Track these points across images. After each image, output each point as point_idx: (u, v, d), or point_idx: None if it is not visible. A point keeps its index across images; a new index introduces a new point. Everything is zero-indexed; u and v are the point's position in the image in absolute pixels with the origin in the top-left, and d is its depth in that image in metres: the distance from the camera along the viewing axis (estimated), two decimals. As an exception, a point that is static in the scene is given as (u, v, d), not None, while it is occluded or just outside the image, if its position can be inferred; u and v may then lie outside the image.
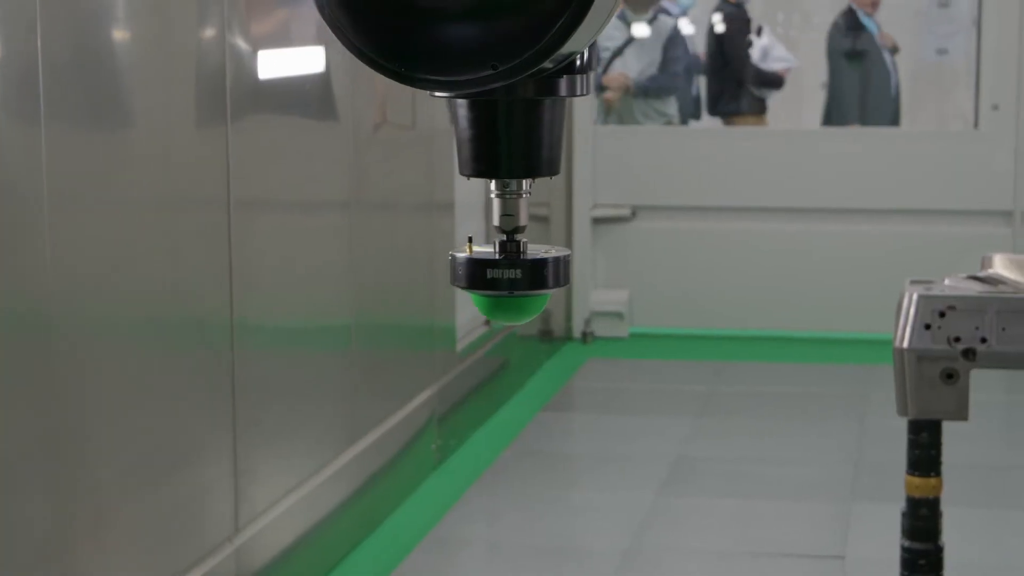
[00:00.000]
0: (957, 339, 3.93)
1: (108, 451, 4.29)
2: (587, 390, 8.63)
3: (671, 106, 10.58)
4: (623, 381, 8.77)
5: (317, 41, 5.57)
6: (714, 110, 10.88)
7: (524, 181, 2.03)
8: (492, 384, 7.92)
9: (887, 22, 10.79)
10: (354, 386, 6.00)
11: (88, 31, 4.18)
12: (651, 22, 10.46)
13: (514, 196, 2.02)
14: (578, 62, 1.90)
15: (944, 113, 11.21)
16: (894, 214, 9.39)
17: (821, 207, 9.44)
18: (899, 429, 4.08)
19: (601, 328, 9.60)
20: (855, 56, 10.27)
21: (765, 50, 10.77)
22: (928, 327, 3.94)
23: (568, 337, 9.56)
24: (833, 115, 10.60)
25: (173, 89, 4.62)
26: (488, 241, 1.97)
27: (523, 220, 2.03)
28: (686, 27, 11.56)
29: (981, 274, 4.09)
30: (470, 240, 2.05)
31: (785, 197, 9.46)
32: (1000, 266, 4.11)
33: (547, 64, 1.79)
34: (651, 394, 8.47)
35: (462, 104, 1.91)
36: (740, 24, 10.81)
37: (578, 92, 1.93)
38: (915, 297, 3.94)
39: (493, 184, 2.00)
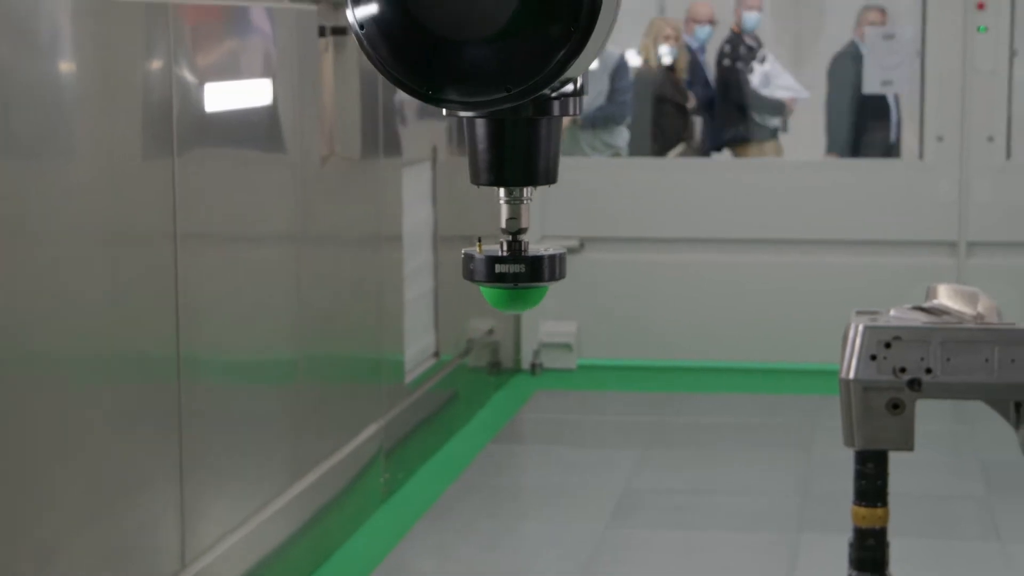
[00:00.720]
0: (903, 370, 3.94)
1: (52, 486, 4.26)
2: (536, 422, 8.63)
3: (618, 137, 10.60)
4: (571, 413, 8.76)
5: (264, 74, 5.56)
6: (720, 140, 10.82)
7: (526, 189, 2.44)
8: (440, 417, 7.90)
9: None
10: (301, 420, 5.97)
11: (33, 62, 4.16)
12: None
13: (518, 202, 2.46)
14: (572, 87, 2.31)
15: (889, 144, 11.26)
16: (840, 244, 9.43)
17: (767, 238, 9.48)
18: (846, 459, 4.09)
19: (550, 360, 9.60)
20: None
21: (767, 76, 10.78)
22: (874, 358, 3.95)
23: (517, 369, 9.55)
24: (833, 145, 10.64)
25: (119, 121, 4.60)
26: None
27: (525, 223, 2.46)
28: (632, 58, 11.61)
29: (926, 305, 4.11)
30: (479, 240, 2.50)
31: (732, 228, 9.49)
32: (944, 296, 4.13)
33: (550, 88, 2.21)
34: (599, 426, 8.47)
35: (476, 123, 2.34)
36: (744, 52, 10.82)
37: (571, 112, 2.35)
38: (860, 328, 3.96)
39: (502, 192, 2.45)
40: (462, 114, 2.29)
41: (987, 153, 9.23)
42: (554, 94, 2.30)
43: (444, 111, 2.29)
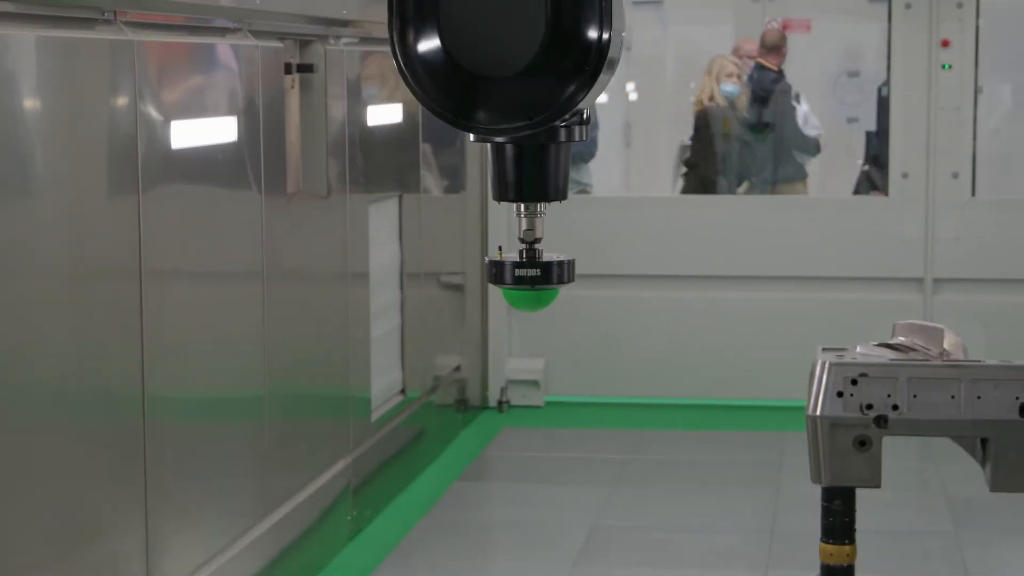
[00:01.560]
0: (869, 406, 3.95)
1: (17, 524, 4.22)
2: (503, 459, 8.61)
3: (586, 174, 10.61)
4: (539, 450, 8.74)
5: (229, 111, 5.55)
6: (748, 176, 10.73)
7: (540, 204, 2.95)
8: (407, 454, 7.88)
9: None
10: (268, 457, 5.95)
11: (-3, 100, 4.15)
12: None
13: (533, 216, 2.97)
14: (580, 117, 2.82)
15: (854, 181, 11.30)
16: (806, 281, 9.45)
17: (735, 274, 9.50)
18: (813, 496, 4.09)
19: (517, 397, 9.58)
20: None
21: (806, 116, 10.75)
22: (840, 395, 3.95)
23: (484, 406, 9.53)
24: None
25: (83, 158, 4.59)
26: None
27: (539, 233, 2.99)
28: (601, 96, 11.62)
29: (892, 341, 4.12)
30: (500, 248, 2.99)
31: (699, 265, 9.50)
32: (910, 333, 4.14)
33: (565, 118, 2.72)
34: (567, 463, 8.45)
35: (499, 148, 2.85)
36: (783, 90, 10.76)
37: (578, 138, 2.87)
38: (827, 365, 3.96)
39: (523, 207, 2.94)
40: (488, 140, 2.83)
41: (952, 189, 9.27)
42: (565, 123, 2.80)
43: (471, 136, 2.80)
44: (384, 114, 7.41)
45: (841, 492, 3.99)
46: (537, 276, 3.03)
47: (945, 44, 9.20)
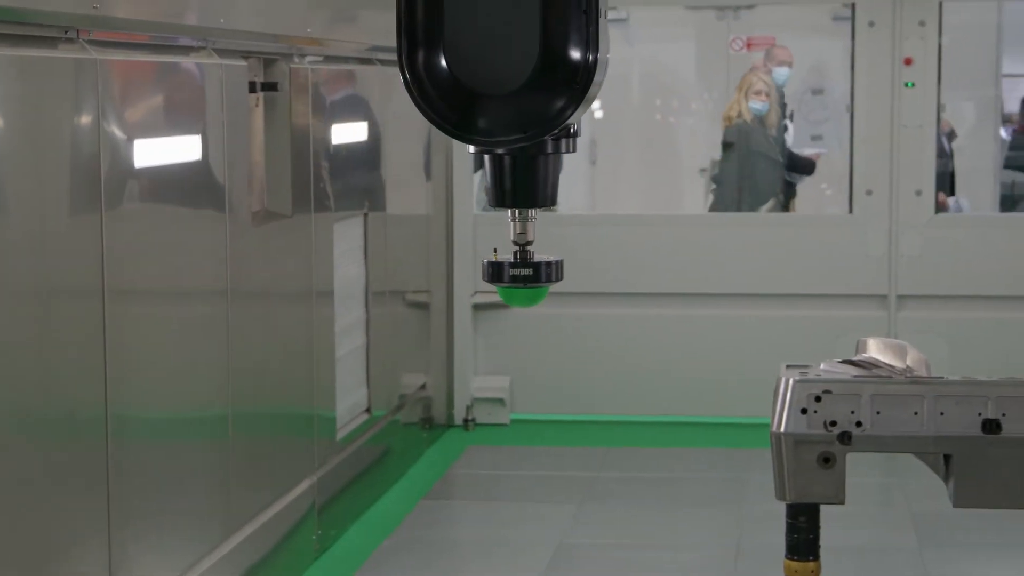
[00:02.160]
0: (833, 423, 3.95)
1: (-22, 546, 4.20)
2: (468, 477, 8.60)
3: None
4: (504, 468, 8.74)
5: (193, 130, 5.54)
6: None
7: (532, 210, 3.29)
8: (373, 473, 7.86)
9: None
10: (232, 476, 5.93)
11: (-41, 119, 4.14)
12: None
13: (525, 220, 3.31)
14: (570, 130, 3.13)
15: (819, 198, 11.35)
16: (771, 298, 9.47)
17: (699, 292, 9.51)
18: (778, 513, 4.09)
19: (482, 415, 9.58)
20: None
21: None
22: (804, 411, 3.96)
23: (449, 424, 9.52)
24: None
25: (47, 177, 4.57)
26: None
27: (531, 236, 3.32)
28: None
29: (856, 358, 4.13)
30: (496, 251, 3.33)
31: (663, 283, 9.52)
32: (874, 350, 4.15)
33: (555, 132, 3.04)
34: (533, 481, 8.45)
35: (495, 159, 3.18)
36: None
37: (566, 150, 3.20)
38: (791, 382, 3.97)
39: (516, 212, 3.28)
40: (486, 151, 3.17)
41: (915, 207, 9.31)
42: (554, 136, 3.13)
43: (471, 148, 3.15)
44: (349, 132, 7.41)
45: (805, 509, 4.00)
46: (530, 275, 3.35)
47: (908, 62, 9.25)
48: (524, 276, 3.36)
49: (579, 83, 3.03)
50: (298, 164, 6.61)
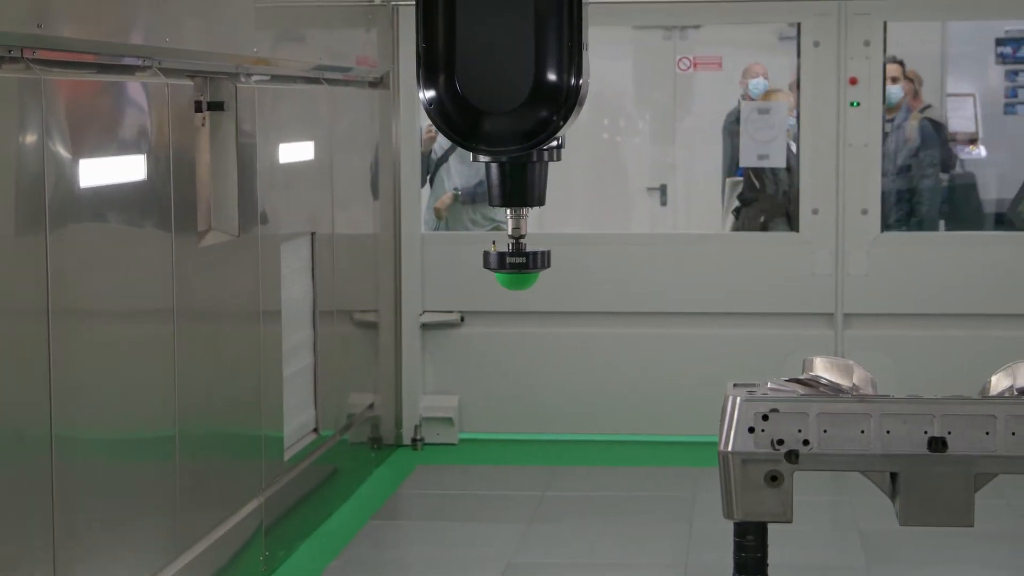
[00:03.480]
0: (780, 442, 3.97)
1: (-79, 570, 4.16)
2: (417, 497, 8.58)
3: (499, 211, 10.60)
4: (453, 488, 8.72)
5: (139, 149, 5.51)
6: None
7: (524, 208, 4.04)
8: (321, 493, 7.83)
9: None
10: (179, 497, 5.89)
11: (-99, 139, 4.10)
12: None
13: (519, 217, 4.05)
14: (557, 142, 3.87)
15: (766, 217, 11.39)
16: (718, 317, 9.49)
17: (647, 311, 9.52)
18: (727, 531, 4.10)
19: (431, 434, 9.56)
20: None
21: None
22: (752, 430, 3.97)
23: (398, 444, 9.50)
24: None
25: (-10, 197, 4.54)
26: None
27: (524, 230, 4.07)
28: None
29: (802, 377, 4.14)
30: (494, 243, 4.11)
31: (611, 302, 9.53)
32: (820, 369, 4.17)
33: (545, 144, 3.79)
34: (481, 500, 8.44)
35: (496, 166, 3.94)
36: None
37: (554, 159, 3.96)
38: (738, 401, 3.98)
39: (511, 211, 4.03)
40: (489, 159, 3.93)
41: (862, 226, 9.35)
42: (545, 147, 3.86)
43: (473, 156, 3.91)
44: (296, 152, 7.39)
45: (753, 527, 4.01)
46: (523, 263, 4.11)
47: (853, 82, 9.30)
48: (518, 264, 4.11)
49: (566, 103, 3.76)
50: (245, 184, 6.59)
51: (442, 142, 10.50)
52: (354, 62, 8.55)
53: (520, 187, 4.02)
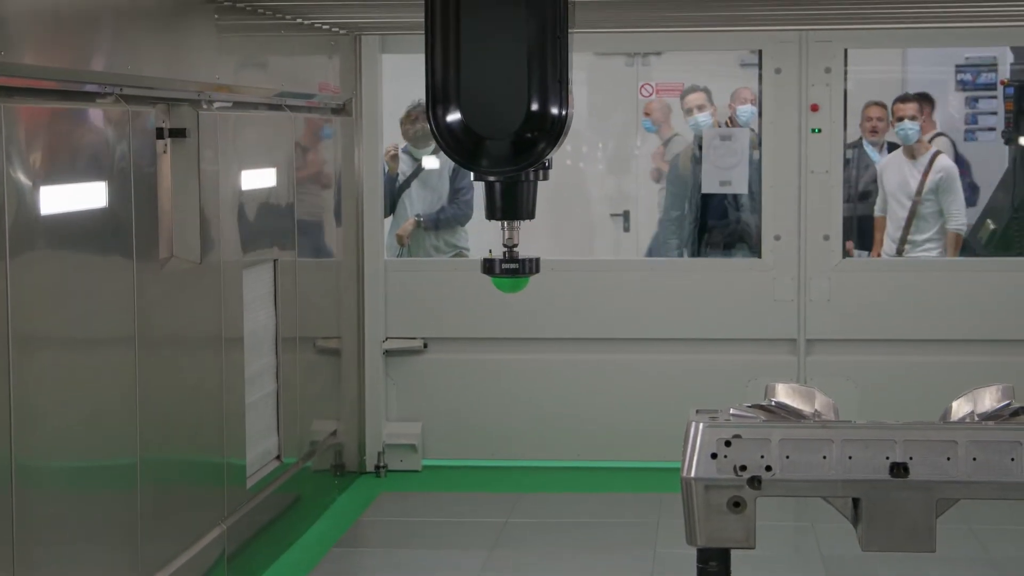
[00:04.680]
0: (743, 468, 3.97)
1: None
2: (380, 525, 8.55)
3: (461, 237, 10.63)
4: (416, 515, 8.70)
5: (100, 176, 5.49)
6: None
7: (516, 221, 4.71)
8: (284, 520, 7.80)
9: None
10: (141, 525, 5.86)
11: None
12: (436, 153, 10.54)
13: (512, 228, 4.74)
14: (545, 164, 4.53)
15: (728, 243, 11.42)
16: (682, 343, 9.51)
17: (609, 337, 9.53)
18: (690, 557, 4.10)
19: (394, 461, 9.54)
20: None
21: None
22: (714, 456, 3.98)
23: (361, 471, 9.48)
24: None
25: (-50, 225, 4.51)
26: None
27: (516, 240, 4.76)
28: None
29: (765, 403, 4.15)
30: (491, 251, 4.75)
31: (575, 328, 9.53)
32: (783, 395, 4.18)
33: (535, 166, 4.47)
34: (445, 527, 8.42)
35: (494, 183, 4.60)
36: None
37: (542, 178, 4.62)
38: (700, 427, 3.98)
39: (506, 223, 4.71)
40: (489, 178, 4.60)
41: (823, 252, 9.38)
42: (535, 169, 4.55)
43: (473, 175, 4.61)
44: (258, 178, 7.38)
45: (716, 553, 4.01)
46: (516, 269, 4.78)
47: (814, 108, 9.34)
48: (512, 269, 4.78)
49: (554, 131, 4.44)
50: (207, 210, 6.57)
51: (404, 168, 10.50)
52: (317, 89, 8.55)
53: (512, 202, 4.68)
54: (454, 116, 4.40)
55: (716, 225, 10.36)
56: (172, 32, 6.29)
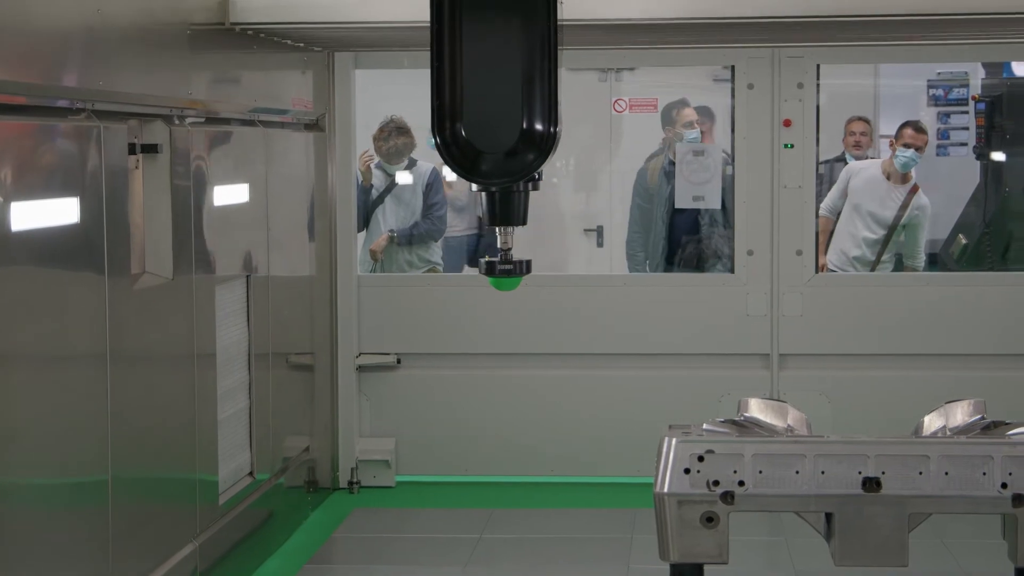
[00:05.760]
0: (716, 483, 3.97)
1: None
2: (353, 541, 8.53)
3: (434, 253, 10.63)
4: (390, 531, 8.68)
5: (72, 192, 5.47)
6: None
7: (511, 227, 5.28)
8: (256, 537, 7.78)
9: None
10: (113, 542, 5.84)
11: None
12: (409, 168, 10.54)
13: (507, 233, 5.29)
14: (536, 176, 5.16)
15: (701, 259, 11.44)
16: (655, 358, 9.51)
17: (583, 352, 9.53)
18: (664, 572, 4.10)
19: (368, 477, 9.52)
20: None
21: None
22: (687, 471, 3.98)
23: (334, 487, 9.46)
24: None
25: (-80, 241, 4.50)
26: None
27: (510, 244, 5.30)
28: (449, 173, 11.68)
29: (737, 418, 4.16)
30: (487, 254, 5.32)
31: (549, 343, 9.53)
32: (755, 410, 4.18)
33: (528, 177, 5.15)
34: (418, 543, 8.40)
35: (491, 193, 5.20)
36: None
37: (534, 188, 5.22)
38: (673, 442, 3.98)
39: (501, 228, 5.27)
40: (486, 189, 5.19)
41: (796, 267, 9.40)
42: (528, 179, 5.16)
43: (474, 186, 5.19)
44: (231, 194, 7.36)
45: (689, 569, 4.01)
46: (511, 270, 5.35)
47: (787, 124, 9.36)
48: (506, 270, 5.36)
49: (545, 146, 5.06)
50: (179, 226, 6.56)
51: (377, 184, 10.49)
52: (289, 104, 8.54)
53: (507, 210, 5.27)
54: (457, 133, 5.03)
55: (689, 240, 10.38)
56: (144, 47, 6.28)
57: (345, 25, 7.60)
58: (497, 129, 5.02)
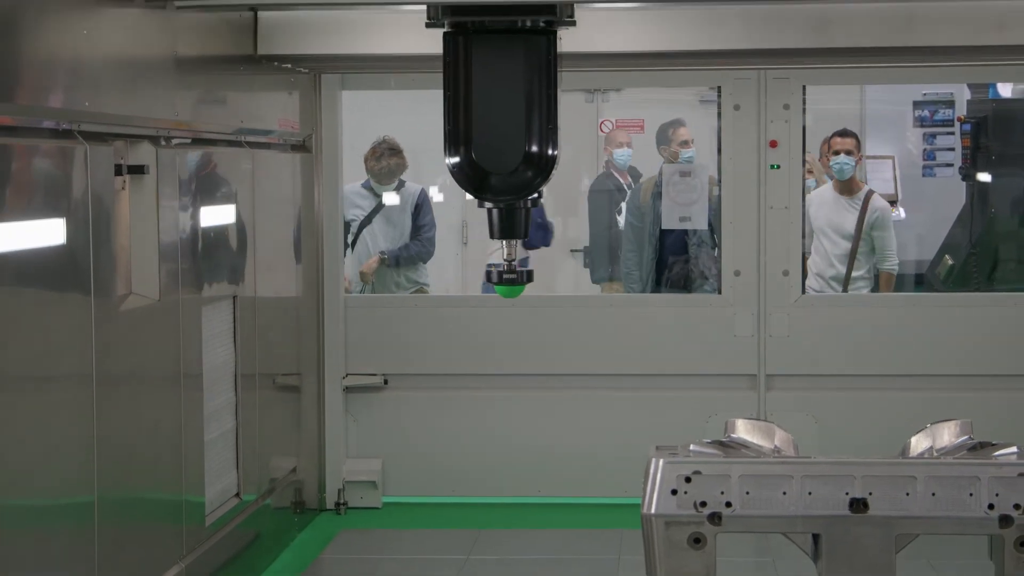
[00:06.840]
0: (703, 504, 3.97)
1: None
2: (340, 563, 8.51)
3: (423, 274, 10.63)
4: (377, 552, 8.67)
5: (58, 212, 5.46)
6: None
7: (514, 240, 6.14)
8: (243, 558, 7.76)
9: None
10: (99, 563, 5.82)
11: None
12: (398, 189, 10.54)
13: (511, 246, 6.15)
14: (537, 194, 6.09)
15: (688, 279, 11.45)
16: (642, 378, 9.51)
17: (569, 372, 9.53)
18: (649, 595, 4.09)
19: (355, 498, 9.50)
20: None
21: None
22: (674, 492, 3.98)
23: (321, 508, 9.44)
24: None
25: (-94, 262, 4.48)
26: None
27: (513, 255, 6.15)
28: (436, 194, 11.69)
29: (725, 439, 4.16)
30: (493, 265, 6.30)
31: (536, 364, 9.52)
32: (742, 431, 4.18)
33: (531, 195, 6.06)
34: (406, 565, 8.39)
35: (496, 209, 6.06)
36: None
37: (534, 205, 6.09)
38: (661, 463, 3.98)
39: (505, 241, 6.12)
40: (492, 206, 5.98)
41: (783, 287, 9.41)
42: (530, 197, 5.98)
43: (478, 203, 6.01)
44: (217, 215, 7.36)
45: (677, 590, 4.00)
46: (514, 279, 6.05)
47: (773, 144, 9.37)
48: (510, 279, 6.07)
49: (546, 167, 5.86)
50: (165, 247, 6.55)
51: (365, 205, 10.49)
52: (276, 125, 8.54)
53: (510, 225, 5.99)
54: (466, 155, 5.78)
55: (675, 261, 10.39)
56: (131, 68, 6.27)
57: (334, 55, 7.88)
58: (503, 152, 5.78)
